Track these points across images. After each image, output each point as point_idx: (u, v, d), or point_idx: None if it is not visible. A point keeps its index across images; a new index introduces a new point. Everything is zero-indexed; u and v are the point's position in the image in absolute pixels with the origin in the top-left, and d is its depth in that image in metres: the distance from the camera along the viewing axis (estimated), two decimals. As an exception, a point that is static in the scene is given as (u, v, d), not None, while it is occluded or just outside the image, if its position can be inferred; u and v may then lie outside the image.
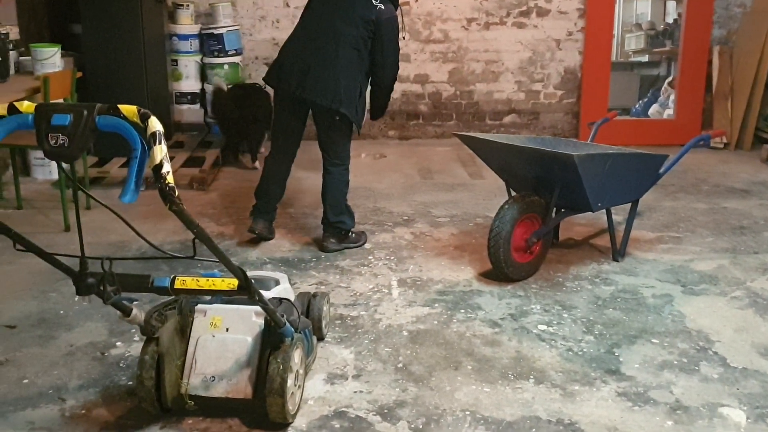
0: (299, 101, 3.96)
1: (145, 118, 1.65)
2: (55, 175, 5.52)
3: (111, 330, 3.20)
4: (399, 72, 4.28)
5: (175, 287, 2.15)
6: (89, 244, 4.26)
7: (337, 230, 4.11)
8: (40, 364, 2.92)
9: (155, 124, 1.66)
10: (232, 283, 2.12)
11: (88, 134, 1.63)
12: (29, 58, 5.15)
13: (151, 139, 1.63)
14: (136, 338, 3.11)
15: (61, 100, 4.69)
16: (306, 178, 5.76)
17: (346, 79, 3.88)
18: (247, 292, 2.11)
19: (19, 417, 2.56)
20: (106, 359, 2.96)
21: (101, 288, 1.99)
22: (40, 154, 5.27)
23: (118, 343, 3.09)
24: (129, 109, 1.67)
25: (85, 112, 1.64)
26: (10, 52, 4.96)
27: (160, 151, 1.63)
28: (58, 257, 2.04)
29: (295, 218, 4.75)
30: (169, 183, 1.64)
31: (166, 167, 1.63)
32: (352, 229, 4.20)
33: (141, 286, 2.12)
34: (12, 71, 4.95)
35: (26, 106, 1.71)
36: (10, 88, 4.56)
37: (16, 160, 4.94)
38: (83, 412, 2.59)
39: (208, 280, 2.14)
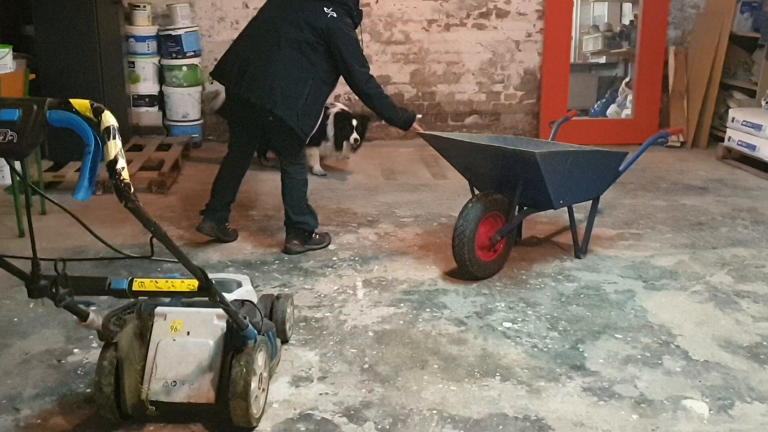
0: (240, 99, 3.92)
1: (98, 113, 1.59)
2: (8, 180, 5.36)
3: (68, 337, 3.11)
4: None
5: (133, 289, 2.08)
6: (45, 249, 4.14)
7: (300, 231, 4.06)
8: (-8, 373, 2.82)
9: (109, 119, 1.60)
10: (192, 284, 2.07)
11: (38, 130, 1.56)
12: (-21, 59, 4.99)
13: (105, 134, 1.56)
14: (95, 344, 3.02)
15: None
16: (268, 179, 5.71)
17: (285, 81, 3.81)
18: (207, 293, 2.06)
19: (-30, 429, 2.47)
20: (62, 367, 2.87)
21: (54, 290, 1.91)
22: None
23: (76, 350, 2.99)
24: (81, 104, 1.60)
25: (35, 107, 1.58)
26: (-41, 53, 4.79)
27: (115, 146, 1.57)
28: (8, 260, 1.96)
29: (257, 220, 4.69)
30: (124, 179, 1.58)
31: (121, 163, 1.57)
32: (316, 230, 4.15)
33: (97, 288, 2.04)
34: (-40, 72, 4.79)
35: (-28, 103, 1.64)
36: (-42, 89, 4.41)
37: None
38: (39, 421, 2.50)
39: (167, 281, 2.08)
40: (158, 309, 2.50)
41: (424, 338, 3.10)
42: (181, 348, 2.43)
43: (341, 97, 6.72)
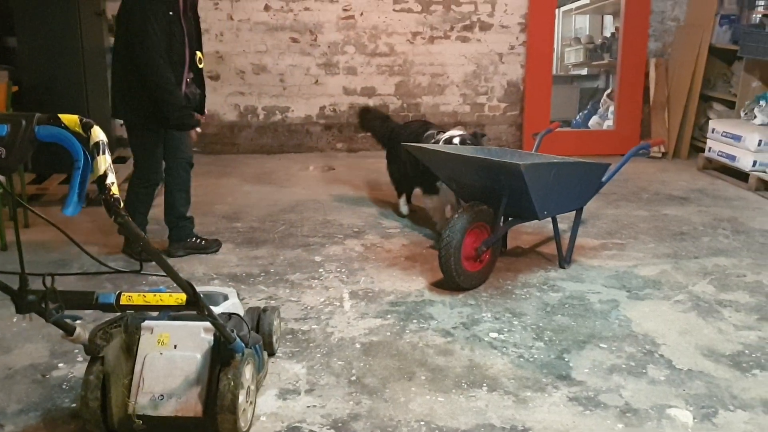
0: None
1: (87, 128, 1.60)
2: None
3: (52, 351, 3.08)
4: (347, 84, 4.22)
5: (121, 303, 2.07)
6: (29, 262, 4.09)
7: (177, 234, 4.18)
8: (-25, 389, 2.79)
9: (98, 134, 1.60)
10: (180, 298, 2.07)
11: (26, 145, 1.56)
12: (-40, 71, 4.97)
13: (94, 150, 1.57)
14: (80, 359, 3.00)
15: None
16: (252, 192, 5.71)
17: (118, 84, 3.96)
18: (195, 307, 2.06)
19: (-47, 446, 2.44)
20: (47, 381, 2.84)
21: (43, 305, 1.90)
22: (-27, 171, 5.08)
23: (60, 365, 2.97)
24: (70, 119, 1.61)
25: (24, 122, 1.58)
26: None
27: (104, 161, 1.57)
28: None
29: (243, 232, 4.68)
30: (114, 194, 1.59)
31: (111, 178, 1.57)
32: (199, 235, 4.28)
33: (85, 302, 2.04)
34: (-59, 85, 4.75)
35: (-42, 116, 1.64)
36: (-60, 102, 4.38)
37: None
38: (23, 437, 2.49)
39: (155, 295, 2.08)
40: (145, 323, 2.50)
41: (411, 350, 3.11)
42: (169, 362, 2.42)
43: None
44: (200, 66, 4.03)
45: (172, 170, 4.13)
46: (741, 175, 5.99)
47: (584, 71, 9.36)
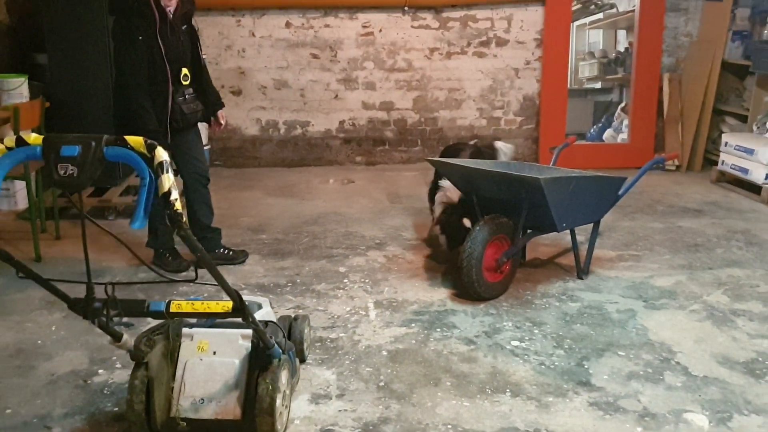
0: None
1: (151, 149, 1.75)
2: (21, 205, 5.49)
3: (91, 358, 3.23)
4: (365, 99, 4.31)
5: (171, 311, 2.21)
6: (64, 273, 4.27)
7: (205, 246, 4.31)
8: (21, 393, 2.93)
9: (161, 154, 1.75)
10: (226, 305, 2.20)
11: (96, 164, 1.71)
12: (-6, 88, 5.16)
13: (158, 168, 1.72)
14: (119, 365, 3.14)
15: (29, 131, 4.71)
16: (275, 204, 5.86)
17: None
18: (241, 314, 2.19)
19: (6, 446, 2.58)
20: (89, 387, 2.98)
21: (105, 312, 2.05)
22: (4, 184, 5.26)
23: (100, 371, 3.11)
24: (136, 140, 1.75)
25: (93, 144, 1.73)
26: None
27: (168, 179, 1.72)
28: (54, 283, 2.09)
29: (268, 244, 4.82)
30: (177, 209, 1.73)
31: (174, 194, 1.72)
32: (227, 246, 4.40)
33: (137, 310, 2.17)
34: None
35: (33, 138, 1.79)
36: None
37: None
38: (71, 439, 2.62)
39: (202, 303, 2.21)
40: (185, 330, 2.63)
41: (436, 357, 3.23)
42: (208, 367, 2.55)
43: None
44: (185, 83, 4.07)
45: (189, 185, 4.26)
46: (754, 188, 6.08)
47: (598, 85, 9.49)
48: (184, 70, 4.07)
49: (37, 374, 3.09)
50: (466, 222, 4.06)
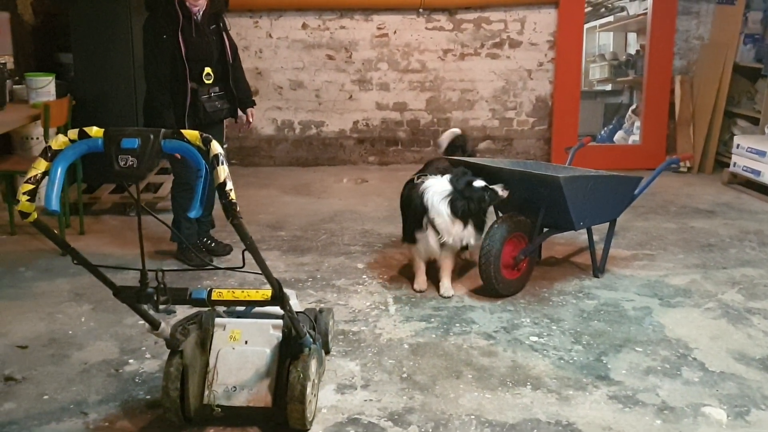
0: None
1: (206, 142, 1.84)
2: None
3: (122, 348, 3.32)
4: (379, 99, 4.34)
5: (213, 299, 2.30)
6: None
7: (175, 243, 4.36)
8: (57, 381, 3.02)
9: (216, 148, 1.85)
10: (265, 294, 2.29)
11: (154, 156, 1.80)
12: (22, 86, 5.25)
13: (213, 161, 1.81)
14: (148, 355, 3.23)
15: (55, 129, 4.81)
16: (291, 202, 5.95)
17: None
18: (280, 302, 2.27)
19: (44, 431, 2.67)
20: (121, 375, 3.07)
21: (156, 298, 2.14)
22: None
23: (131, 361, 3.20)
24: (192, 134, 1.84)
25: (152, 136, 1.82)
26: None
27: (223, 171, 1.82)
28: (101, 270, 2.18)
29: (287, 240, 4.91)
30: (232, 199, 1.83)
31: (229, 185, 1.82)
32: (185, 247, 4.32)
33: (181, 298, 2.26)
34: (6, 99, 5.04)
35: (95, 131, 1.88)
36: (8, 116, 4.66)
37: (8, 186, 5.02)
38: (106, 424, 2.71)
39: (243, 291, 2.30)
40: (218, 320, 2.72)
41: (456, 350, 3.31)
42: (240, 356, 2.64)
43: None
44: (207, 81, 4.15)
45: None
46: (765, 190, 6.13)
47: (608, 87, 9.55)
48: (207, 69, 4.15)
49: (70, 363, 3.19)
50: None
